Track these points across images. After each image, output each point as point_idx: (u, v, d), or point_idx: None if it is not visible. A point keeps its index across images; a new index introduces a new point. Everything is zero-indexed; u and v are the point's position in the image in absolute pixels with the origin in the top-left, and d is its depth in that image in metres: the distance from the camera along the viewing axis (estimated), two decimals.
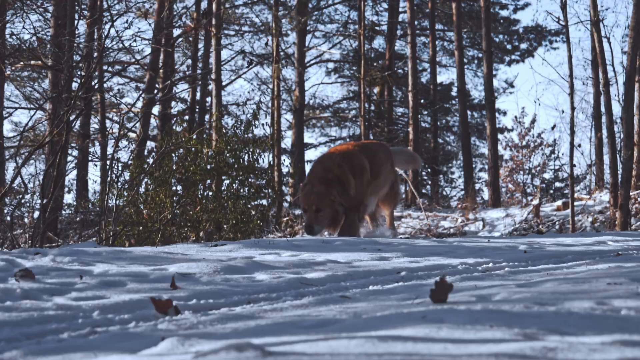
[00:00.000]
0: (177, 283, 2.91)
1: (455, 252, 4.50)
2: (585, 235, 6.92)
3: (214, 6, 19.15)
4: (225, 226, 9.51)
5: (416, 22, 24.97)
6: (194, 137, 10.47)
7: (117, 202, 8.73)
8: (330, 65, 29.59)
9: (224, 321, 2.27)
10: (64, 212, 18.40)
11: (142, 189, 10.01)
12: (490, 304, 2.20)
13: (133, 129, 25.50)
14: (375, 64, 27.16)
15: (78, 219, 19.15)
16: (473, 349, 1.57)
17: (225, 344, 1.58)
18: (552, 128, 23.63)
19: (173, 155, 10.26)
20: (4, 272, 3.02)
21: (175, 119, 23.12)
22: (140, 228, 9.48)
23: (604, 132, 18.69)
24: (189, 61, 25.87)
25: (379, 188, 6.99)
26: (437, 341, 1.66)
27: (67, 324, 2.24)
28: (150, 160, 10.60)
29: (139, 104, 21.68)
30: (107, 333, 2.15)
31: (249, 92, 24.41)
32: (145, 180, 10.01)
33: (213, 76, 18.24)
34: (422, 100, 26.53)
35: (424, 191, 24.50)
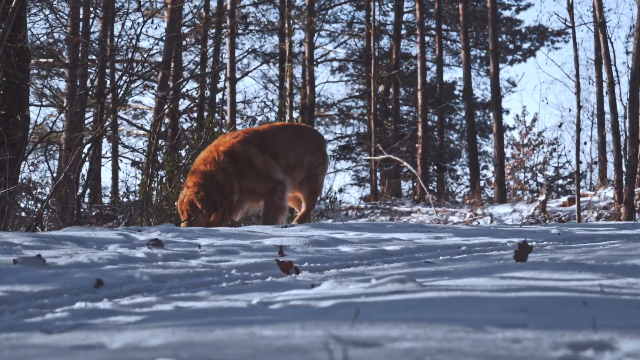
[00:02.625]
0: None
1: (497, 233, 5.00)
2: (605, 224, 7.43)
3: (228, 5, 19.62)
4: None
5: None
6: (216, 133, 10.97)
7: (155, 193, 9.25)
8: (335, 64, 30.11)
9: (345, 276, 2.77)
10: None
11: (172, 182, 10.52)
12: (565, 261, 2.70)
13: (143, 126, 26.19)
14: (380, 63, 27.66)
15: (94, 213, 19.61)
16: (575, 283, 2.08)
17: (390, 278, 2.08)
18: (559, 126, 24.13)
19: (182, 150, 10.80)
20: (129, 243, 3.51)
21: (204, 115, 23.64)
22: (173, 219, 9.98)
23: (607, 130, 19.24)
24: (197, 59, 26.34)
25: (287, 168, 6.12)
26: (543, 279, 2.16)
27: (219, 278, 2.74)
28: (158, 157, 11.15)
29: (148, 102, 22.22)
30: (255, 284, 2.64)
31: (268, 92, 24.99)
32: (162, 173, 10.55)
33: (228, 74, 18.71)
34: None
35: (430, 187, 25.03)
